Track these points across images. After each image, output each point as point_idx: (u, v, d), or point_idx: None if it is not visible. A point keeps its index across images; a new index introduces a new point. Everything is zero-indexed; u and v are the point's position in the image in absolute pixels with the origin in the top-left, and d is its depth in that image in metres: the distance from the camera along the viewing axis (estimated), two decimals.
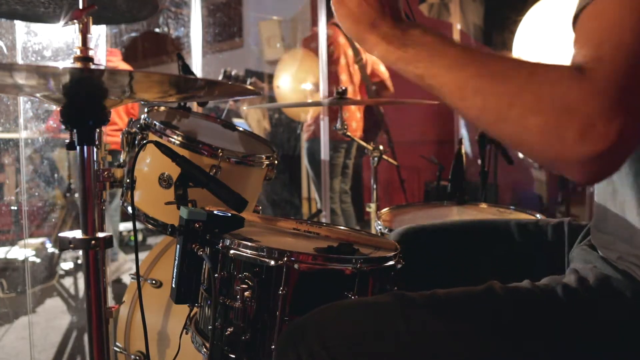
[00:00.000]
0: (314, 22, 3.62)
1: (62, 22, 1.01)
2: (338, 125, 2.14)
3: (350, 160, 3.80)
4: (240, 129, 1.62)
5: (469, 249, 1.17)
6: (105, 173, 1.06)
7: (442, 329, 0.80)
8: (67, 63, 1.04)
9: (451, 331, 0.80)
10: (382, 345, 0.79)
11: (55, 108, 2.69)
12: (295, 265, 0.92)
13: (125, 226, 4.20)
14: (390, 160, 2.26)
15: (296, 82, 4.14)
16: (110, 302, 1.09)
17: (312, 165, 3.67)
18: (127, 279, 3.35)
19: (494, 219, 1.18)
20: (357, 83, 3.65)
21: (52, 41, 2.43)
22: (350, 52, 3.59)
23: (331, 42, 3.51)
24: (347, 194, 3.90)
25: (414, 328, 0.80)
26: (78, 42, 1.02)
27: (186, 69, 1.45)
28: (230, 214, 1.04)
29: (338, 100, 2.07)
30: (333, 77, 3.53)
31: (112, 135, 3.13)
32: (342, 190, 3.85)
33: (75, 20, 1.00)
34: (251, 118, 4.78)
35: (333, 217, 3.72)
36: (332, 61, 3.52)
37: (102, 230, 1.06)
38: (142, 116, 1.36)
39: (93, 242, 1.03)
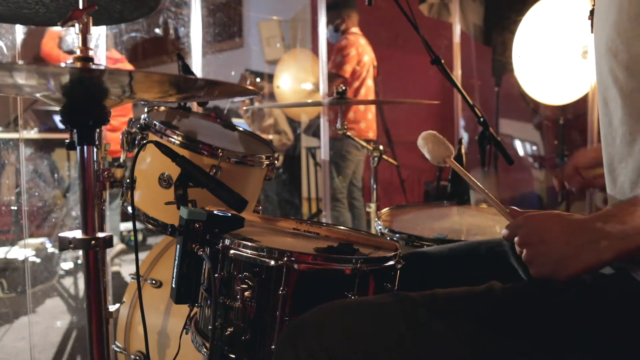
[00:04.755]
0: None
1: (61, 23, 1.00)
2: (338, 125, 2.15)
3: (363, 158, 3.83)
4: (240, 129, 1.62)
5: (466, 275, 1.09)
6: (105, 173, 1.06)
7: (442, 329, 0.80)
8: (67, 63, 1.04)
9: (452, 331, 0.80)
10: (382, 345, 0.79)
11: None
12: (295, 265, 0.92)
13: (125, 226, 4.20)
14: (390, 160, 2.26)
15: (297, 82, 4.15)
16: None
17: (334, 162, 3.69)
18: (127, 278, 3.35)
19: (487, 239, 1.17)
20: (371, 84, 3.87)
21: None
22: (366, 57, 3.78)
23: (353, 44, 3.70)
24: (360, 192, 3.91)
25: (414, 328, 0.80)
26: (78, 42, 1.02)
27: (186, 68, 1.45)
28: (230, 214, 1.04)
29: (338, 100, 2.07)
30: (355, 74, 3.72)
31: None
32: (355, 188, 3.87)
33: (75, 21, 0.99)
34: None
35: (341, 209, 3.73)
36: (349, 60, 3.69)
37: (102, 230, 1.06)
38: (142, 116, 1.36)
39: (93, 242, 1.03)
